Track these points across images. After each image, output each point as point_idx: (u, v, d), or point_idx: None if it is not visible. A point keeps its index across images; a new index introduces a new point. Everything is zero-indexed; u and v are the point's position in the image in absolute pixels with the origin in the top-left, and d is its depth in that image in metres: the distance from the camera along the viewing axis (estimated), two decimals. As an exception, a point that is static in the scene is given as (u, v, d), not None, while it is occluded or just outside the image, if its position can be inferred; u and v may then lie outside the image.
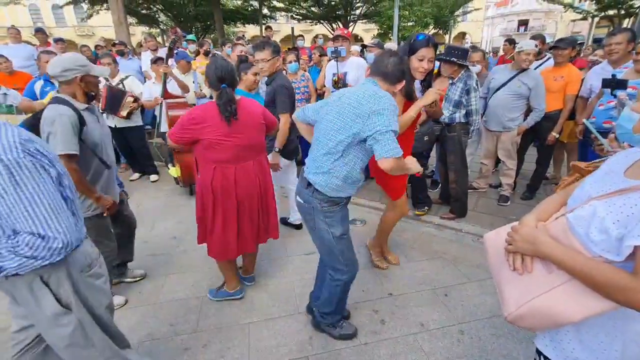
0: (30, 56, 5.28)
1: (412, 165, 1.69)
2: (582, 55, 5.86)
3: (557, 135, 3.38)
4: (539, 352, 0.99)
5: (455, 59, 2.88)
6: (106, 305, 1.34)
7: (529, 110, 3.32)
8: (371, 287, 2.42)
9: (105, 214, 2.01)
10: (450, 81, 3.03)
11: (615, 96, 2.51)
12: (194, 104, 4.26)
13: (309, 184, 1.70)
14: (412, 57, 1.98)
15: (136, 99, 4.06)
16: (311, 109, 1.82)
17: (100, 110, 3.96)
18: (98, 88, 1.99)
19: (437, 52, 3.03)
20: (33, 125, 1.80)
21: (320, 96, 4.20)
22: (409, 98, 2.04)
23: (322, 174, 1.64)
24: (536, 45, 3.16)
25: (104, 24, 19.45)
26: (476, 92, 2.94)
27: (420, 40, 1.95)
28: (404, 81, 1.66)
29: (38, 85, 3.49)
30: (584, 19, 18.02)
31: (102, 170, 2.00)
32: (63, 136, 1.74)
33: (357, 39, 27.45)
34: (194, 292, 2.42)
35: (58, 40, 6.03)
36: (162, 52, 5.57)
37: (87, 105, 1.91)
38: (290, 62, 3.89)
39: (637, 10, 13.67)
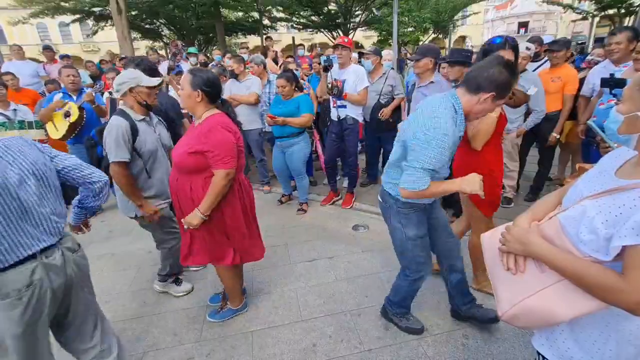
0: (35, 73, 5.42)
1: (465, 185, 1.45)
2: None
3: (558, 136, 3.37)
4: (539, 353, 0.99)
5: (462, 60, 2.89)
6: (12, 334, 1.23)
7: (529, 113, 3.32)
8: (375, 293, 2.41)
9: (149, 221, 2.18)
10: (453, 84, 3.05)
11: (614, 95, 2.50)
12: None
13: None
14: None
15: None
16: None
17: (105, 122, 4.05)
18: (151, 98, 2.10)
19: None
20: (101, 131, 2.10)
21: (321, 104, 4.24)
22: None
23: (391, 183, 1.71)
24: (527, 48, 3.16)
25: (109, 40, 19.87)
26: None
27: (497, 43, 1.81)
28: (493, 93, 1.36)
29: (57, 98, 3.60)
30: (584, 19, 18.00)
31: (151, 177, 2.16)
32: (112, 145, 1.96)
33: (357, 45, 27.68)
34: (198, 301, 2.43)
35: (64, 57, 6.20)
36: (164, 65, 5.68)
37: (143, 117, 2.10)
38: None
39: (637, 9, 13.64)
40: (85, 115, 3.47)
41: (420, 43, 16.26)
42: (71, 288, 1.38)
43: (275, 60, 6.10)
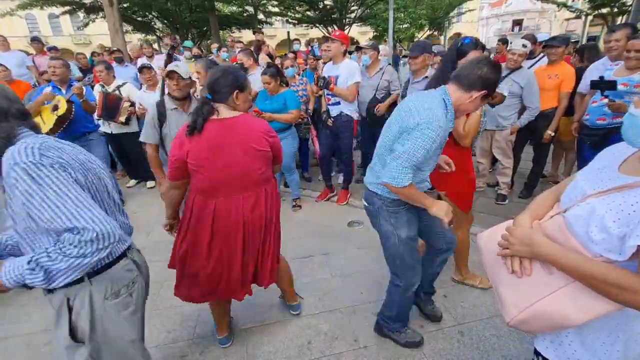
0: (21, 63, 5.27)
1: (437, 209, 1.48)
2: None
3: (553, 133, 3.38)
4: (537, 353, 0.96)
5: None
6: (131, 339, 1.21)
7: (524, 109, 3.32)
8: (370, 290, 2.41)
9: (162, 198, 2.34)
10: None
11: (606, 96, 2.50)
12: None
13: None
14: (460, 62, 1.91)
15: (132, 104, 4.04)
16: None
17: (97, 117, 3.95)
18: (171, 89, 2.24)
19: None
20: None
21: (318, 98, 4.20)
22: None
23: (377, 183, 1.63)
24: (524, 46, 3.15)
25: (100, 32, 19.50)
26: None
27: (467, 43, 1.87)
28: (484, 92, 1.42)
29: (47, 91, 3.46)
30: (578, 17, 18.12)
31: None
32: (144, 127, 2.29)
33: (352, 41, 27.54)
34: (191, 299, 2.39)
35: (51, 49, 6.05)
36: (158, 59, 5.58)
37: (175, 106, 2.27)
38: (287, 67, 3.93)
39: (630, 8, 13.76)
40: (73, 109, 3.38)
41: (416, 39, 16.22)
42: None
43: (271, 56, 6.03)
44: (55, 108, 3.30)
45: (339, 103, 3.47)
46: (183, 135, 1.53)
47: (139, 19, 15.00)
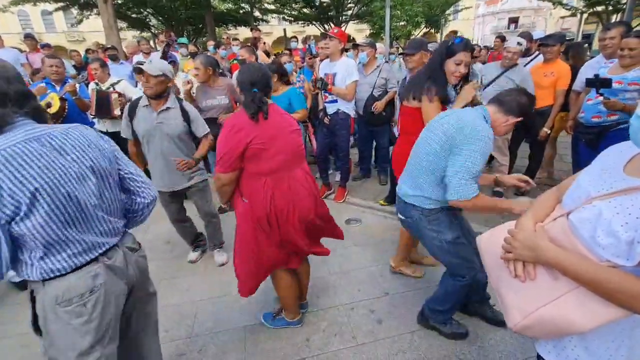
0: (16, 60, 5.21)
1: (521, 208, 1.43)
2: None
3: (549, 131, 3.40)
4: (539, 357, 0.95)
5: None
6: (80, 351, 1.10)
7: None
8: (367, 287, 2.41)
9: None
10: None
11: (601, 94, 2.51)
12: None
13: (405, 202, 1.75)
14: (448, 61, 1.95)
15: (120, 94, 3.98)
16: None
17: (92, 116, 3.91)
18: (144, 86, 2.26)
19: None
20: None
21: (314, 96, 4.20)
22: (445, 103, 2.03)
23: (422, 197, 1.67)
24: (519, 44, 3.17)
25: (94, 29, 19.29)
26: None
27: (458, 43, 1.91)
28: (520, 118, 1.53)
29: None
30: (573, 15, 18.22)
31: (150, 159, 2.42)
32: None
33: (349, 39, 27.45)
34: (189, 297, 2.39)
35: (45, 46, 5.99)
36: (154, 57, 5.53)
37: (147, 103, 2.32)
38: (284, 63, 3.91)
39: (624, 6, 13.85)
40: (67, 107, 3.35)
41: (412, 37, 16.22)
42: (132, 293, 1.27)
43: (267, 53, 6.00)
44: (48, 106, 3.27)
45: (335, 101, 3.46)
46: (240, 122, 1.63)
47: (134, 15, 14.87)
